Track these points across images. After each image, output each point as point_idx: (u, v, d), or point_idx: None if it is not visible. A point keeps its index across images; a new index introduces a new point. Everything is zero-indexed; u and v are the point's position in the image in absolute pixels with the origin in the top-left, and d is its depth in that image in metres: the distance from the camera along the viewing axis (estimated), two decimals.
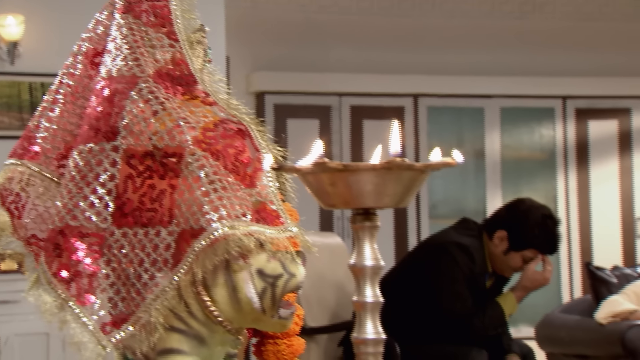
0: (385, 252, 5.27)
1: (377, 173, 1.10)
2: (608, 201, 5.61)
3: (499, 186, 5.54)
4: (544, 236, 3.04)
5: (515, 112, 5.58)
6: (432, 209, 5.49)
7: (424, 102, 5.48)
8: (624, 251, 5.57)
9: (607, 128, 5.64)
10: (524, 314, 5.16)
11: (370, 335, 1.13)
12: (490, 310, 3.05)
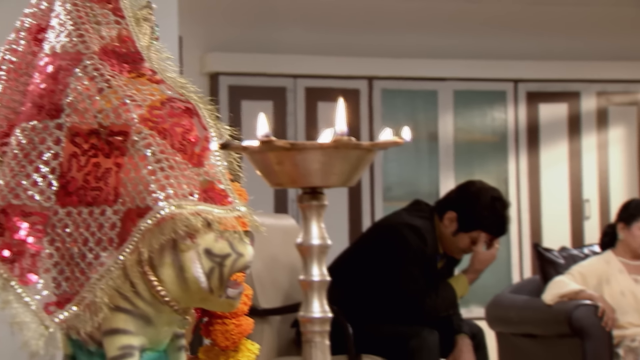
0: (340, 234, 5.28)
1: (324, 152, 1.10)
2: (557, 183, 5.69)
3: (452, 168, 5.59)
4: (492, 218, 3.07)
5: (468, 95, 5.62)
6: (386, 191, 5.51)
7: (378, 85, 5.49)
8: (573, 232, 5.67)
9: (557, 111, 5.72)
10: (475, 295, 5.23)
11: (317, 314, 1.13)
12: (443, 292, 3.08)
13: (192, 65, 4.96)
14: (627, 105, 5.79)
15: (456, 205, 3.10)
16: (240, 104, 5.14)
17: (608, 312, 3.36)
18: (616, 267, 3.58)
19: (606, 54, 5.75)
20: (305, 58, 5.35)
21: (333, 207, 6.03)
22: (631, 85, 5.76)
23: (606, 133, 5.74)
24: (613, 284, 3.54)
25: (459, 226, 3.08)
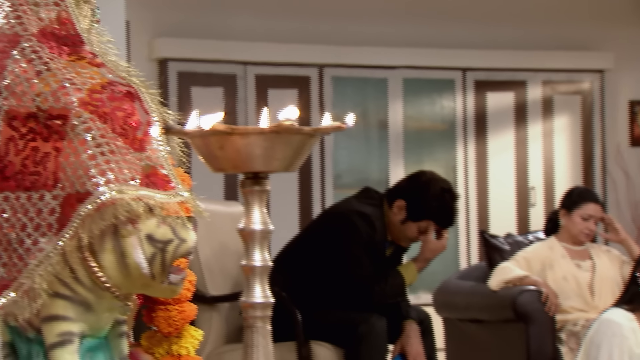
0: (290, 221, 5.28)
1: (266, 137, 1.09)
2: (504, 171, 5.77)
3: (402, 156, 5.62)
4: (441, 209, 3.10)
5: (417, 84, 5.65)
6: (336, 178, 5.52)
7: (328, 73, 5.49)
8: (519, 219, 5.76)
9: (504, 100, 5.79)
10: (423, 281, 5.28)
11: (259, 299, 1.13)
12: (392, 279, 3.11)
13: (140, 51, 4.88)
14: (572, 94, 5.89)
15: (406, 194, 3.12)
16: (190, 90, 5.09)
17: (551, 297, 3.42)
18: (559, 253, 3.64)
19: (552, 44, 5.84)
20: (255, 45, 5.31)
21: (283, 194, 6.07)
22: (575, 75, 5.86)
23: (551, 122, 5.84)
24: (556, 269, 3.60)
25: (407, 215, 3.10)
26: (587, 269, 3.61)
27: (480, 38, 5.73)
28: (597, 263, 3.62)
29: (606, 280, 3.58)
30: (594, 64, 5.87)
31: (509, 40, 5.78)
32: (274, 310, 3.14)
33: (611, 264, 3.62)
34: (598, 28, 5.94)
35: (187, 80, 5.14)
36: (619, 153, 5.93)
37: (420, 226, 3.10)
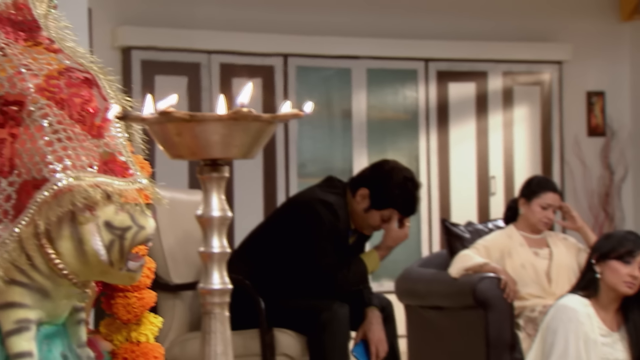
0: (254, 210, 5.27)
1: (224, 124, 1.08)
2: (465, 160, 5.82)
3: (365, 146, 5.64)
4: (403, 197, 3.10)
5: (380, 74, 5.67)
6: (300, 167, 5.53)
7: (293, 62, 5.48)
8: (479, 207, 5.81)
9: (466, 90, 5.83)
10: (386, 269, 5.31)
11: (217, 285, 1.12)
12: (354, 266, 3.11)
13: (103, 39, 4.82)
14: (531, 85, 5.95)
15: (369, 183, 3.12)
16: (153, 79, 5.05)
17: (510, 284, 3.46)
18: (517, 241, 3.67)
19: (512, 35, 5.89)
20: (220, 34, 5.28)
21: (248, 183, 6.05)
22: (535, 66, 5.92)
23: (511, 112, 5.89)
24: (514, 257, 3.63)
25: (370, 203, 3.10)
26: (544, 256, 3.66)
27: (443, 29, 5.76)
28: (554, 251, 3.66)
29: (563, 267, 3.63)
30: (552, 55, 5.94)
31: (471, 31, 5.81)
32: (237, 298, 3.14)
33: (568, 252, 3.67)
34: (557, 20, 6.01)
35: (151, 68, 5.09)
36: (577, 143, 6.01)
37: (383, 214, 3.11)
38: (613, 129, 6.02)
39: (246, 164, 5.36)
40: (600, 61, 6.05)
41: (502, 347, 3.46)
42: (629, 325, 2.92)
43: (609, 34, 6.09)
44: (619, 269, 2.87)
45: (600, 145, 6.04)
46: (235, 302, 3.07)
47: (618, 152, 6.00)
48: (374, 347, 3.07)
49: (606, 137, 6.03)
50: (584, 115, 6.07)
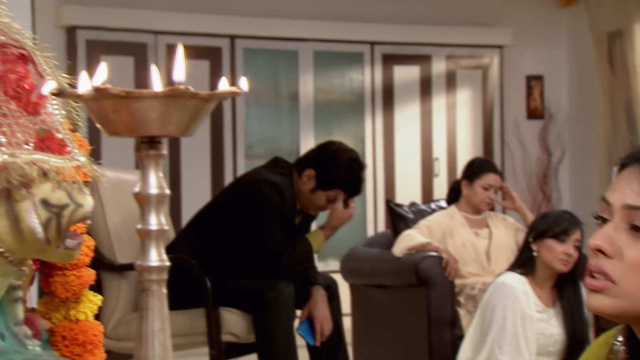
0: (202, 191, 5.24)
1: (161, 101, 1.07)
2: (410, 142, 5.86)
3: (312, 127, 5.64)
4: (348, 178, 3.11)
5: (327, 56, 5.66)
6: (248, 149, 5.50)
7: (240, 44, 5.43)
8: (423, 189, 5.87)
9: (410, 73, 5.86)
10: (332, 249, 5.34)
11: (154, 262, 1.11)
12: (300, 246, 3.11)
13: (47, 18, 4.70)
14: (473, 69, 6.01)
15: (315, 164, 3.12)
16: (99, 59, 4.94)
17: (451, 263, 3.50)
18: (459, 221, 3.72)
19: (455, 20, 5.94)
20: (166, 14, 5.20)
21: (195, 164, 6.00)
22: (477, 50, 5.98)
23: (454, 95, 5.95)
24: (456, 237, 3.68)
25: (317, 184, 3.11)
26: (484, 236, 3.71)
27: (388, 13, 5.78)
28: (493, 231, 3.72)
29: (502, 247, 3.69)
30: (493, 39, 6.01)
31: (415, 15, 5.84)
32: (183, 278, 3.11)
33: (507, 232, 3.73)
34: (498, 5, 6.07)
35: (96, 48, 4.99)
36: (516, 125, 6.10)
37: (329, 195, 3.12)
38: (551, 112, 6.13)
39: (193, 145, 5.31)
40: (539, 46, 6.15)
41: (443, 323, 3.51)
42: (564, 301, 2.98)
43: (548, 19, 6.18)
44: (554, 247, 2.92)
45: (539, 127, 6.15)
46: (181, 281, 3.07)
47: (555, 134, 6.11)
48: (319, 325, 3.09)
49: (544, 120, 6.14)
50: (523, 98, 6.16)
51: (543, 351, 2.97)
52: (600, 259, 0.94)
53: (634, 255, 0.92)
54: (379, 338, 3.85)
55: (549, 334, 2.97)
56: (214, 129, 5.40)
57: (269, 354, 2.95)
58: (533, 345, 2.93)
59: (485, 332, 2.99)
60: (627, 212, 0.94)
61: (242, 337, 3.01)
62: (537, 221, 3.04)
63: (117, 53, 5.03)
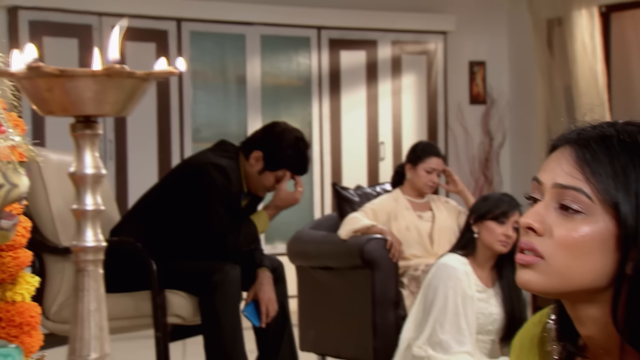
0: (149, 175, 5.17)
1: (96, 80, 1.05)
2: (356, 126, 5.88)
3: (259, 111, 5.61)
4: (295, 157, 3.11)
5: (274, 40, 5.63)
6: (195, 132, 5.45)
7: (187, 27, 5.37)
8: (369, 172, 5.90)
9: (357, 58, 5.87)
10: (279, 232, 5.34)
11: (90, 243, 1.09)
12: (245, 228, 3.10)
13: None
14: (418, 54, 6.05)
15: (262, 145, 3.11)
16: (42, 40, 4.83)
17: (395, 245, 3.53)
18: (403, 205, 3.75)
19: (400, 6, 5.96)
20: None
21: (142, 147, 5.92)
22: (422, 36, 6.02)
23: (400, 80, 5.98)
24: (400, 219, 3.71)
25: (264, 165, 3.10)
26: (427, 219, 3.75)
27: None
28: (436, 214, 3.76)
29: (444, 229, 3.73)
30: (437, 25, 6.05)
31: (362, 1, 5.85)
32: (128, 260, 3.08)
33: (449, 215, 3.78)
34: None
35: (40, 29, 4.87)
36: (460, 110, 6.17)
37: (277, 175, 3.11)
38: (493, 97, 6.21)
39: (140, 128, 5.24)
40: (482, 32, 6.21)
41: (387, 304, 3.54)
42: (503, 282, 3.03)
43: (490, 6, 6.25)
44: (494, 229, 2.97)
45: (481, 112, 6.23)
46: (127, 263, 3.02)
47: (497, 119, 6.20)
48: (264, 306, 3.08)
49: (486, 105, 6.22)
50: (466, 84, 6.23)
51: (482, 330, 3.02)
52: (530, 236, 0.96)
53: (563, 233, 0.94)
54: (324, 319, 3.86)
55: (489, 313, 3.02)
56: (160, 112, 5.33)
57: (214, 335, 2.94)
58: (473, 324, 2.97)
59: (427, 311, 3.03)
60: (557, 191, 0.95)
61: (188, 319, 2.99)
62: (478, 204, 3.08)
63: (61, 35, 4.92)
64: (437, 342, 2.96)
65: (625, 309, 0.92)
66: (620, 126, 0.96)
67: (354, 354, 3.70)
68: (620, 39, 5.53)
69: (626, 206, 0.92)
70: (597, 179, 0.93)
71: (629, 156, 0.93)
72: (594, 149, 0.94)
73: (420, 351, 3.00)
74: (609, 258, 0.92)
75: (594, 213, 0.93)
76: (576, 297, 0.96)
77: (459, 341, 2.94)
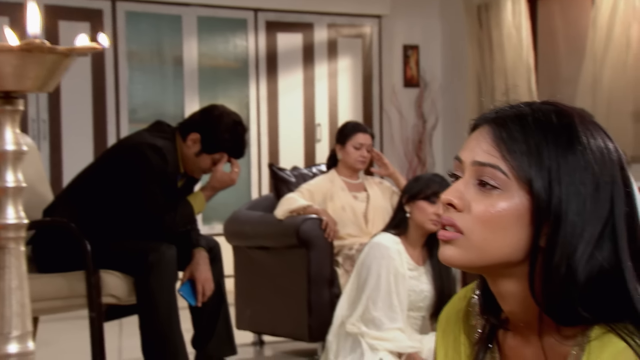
0: (84, 155, 5.07)
1: (16, 55, 1.01)
2: (293, 108, 5.87)
3: (197, 92, 5.55)
4: (233, 141, 3.09)
5: (211, 22, 5.56)
6: (131, 113, 5.36)
7: (122, 7, 5.25)
8: (306, 153, 5.90)
9: (293, 41, 5.85)
10: (217, 212, 5.30)
11: (11, 220, 1.06)
12: (181, 208, 3.07)
13: None
14: (354, 37, 6.06)
15: (199, 128, 3.07)
16: None
17: (330, 225, 3.54)
18: (338, 185, 3.77)
19: None
20: None
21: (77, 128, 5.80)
22: (357, 19, 6.03)
23: (336, 63, 5.99)
24: (335, 200, 3.73)
25: (202, 147, 3.06)
26: (362, 199, 3.77)
27: None
28: (371, 194, 3.78)
29: (378, 209, 3.76)
30: (372, 9, 6.07)
31: None
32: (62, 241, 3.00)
33: (383, 195, 3.81)
34: None
35: None
36: (394, 93, 6.21)
37: (214, 158, 3.08)
38: (426, 80, 6.27)
39: (75, 107, 5.12)
40: (415, 16, 6.25)
41: (322, 282, 3.56)
42: (433, 260, 3.07)
43: None
44: (425, 208, 3.00)
45: (415, 95, 6.28)
46: (61, 244, 2.95)
47: (430, 102, 6.26)
48: (200, 286, 3.06)
49: (420, 88, 6.28)
50: (400, 67, 6.27)
51: (414, 306, 3.06)
52: (451, 212, 0.97)
53: (481, 208, 0.95)
54: (260, 298, 3.86)
55: (420, 290, 3.06)
56: (96, 93, 5.22)
57: (150, 315, 2.90)
58: (405, 302, 3.01)
59: (360, 289, 3.05)
60: (476, 169, 0.96)
61: (123, 299, 2.95)
62: (410, 184, 3.11)
63: None
64: (369, 319, 2.99)
65: (541, 281, 0.94)
66: (536, 106, 0.97)
67: (289, 332, 3.71)
68: (547, 25, 5.64)
69: (539, 182, 0.93)
70: (512, 157, 0.94)
71: (542, 134, 0.94)
72: (510, 128, 0.96)
73: (353, 328, 3.03)
74: (524, 232, 0.94)
75: (510, 189, 0.94)
76: (495, 272, 0.97)
77: (391, 318, 2.97)
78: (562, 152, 0.93)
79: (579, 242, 0.92)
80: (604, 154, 0.94)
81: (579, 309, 0.92)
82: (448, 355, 1.07)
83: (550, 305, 0.93)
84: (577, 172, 0.93)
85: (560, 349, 0.95)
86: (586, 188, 0.93)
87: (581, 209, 0.92)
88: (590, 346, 0.92)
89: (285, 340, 4.05)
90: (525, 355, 0.99)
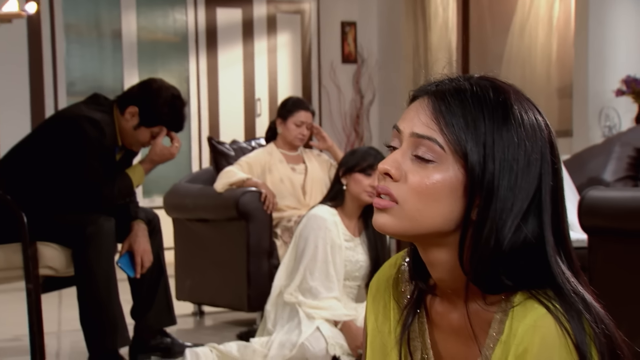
0: (21, 128, 4.91)
1: None
2: (233, 83, 5.81)
3: (136, 66, 5.43)
4: (172, 114, 3.04)
5: None
6: (69, 86, 5.22)
7: None
8: (246, 127, 5.86)
9: (233, 16, 5.77)
10: (158, 185, 5.22)
11: None
12: (120, 181, 3.01)
13: None
14: (293, 13, 6.01)
15: (137, 101, 3.01)
16: None
17: (269, 197, 3.53)
18: (277, 158, 3.75)
19: None
20: None
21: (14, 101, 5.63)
22: None
23: (275, 38, 5.94)
24: (274, 172, 3.71)
25: (140, 121, 3.00)
26: (300, 172, 3.76)
27: None
28: (309, 167, 3.78)
29: (316, 181, 3.76)
30: None
31: None
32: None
33: (321, 167, 3.80)
34: None
35: None
36: (332, 69, 6.20)
37: (153, 131, 3.03)
38: (363, 56, 6.28)
39: (12, 80, 4.96)
40: None
41: (261, 254, 3.55)
42: (368, 231, 3.09)
43: None
44: (361, 181, 3.01)
45: (353, 71, 6.29)
46: None
47: (367, 78, 6.28)
48: (139, 257, 3.02)
49: (357, 64, 6.28)
50: (338, 43, 6.26)
51: (350, 276, 3.07)
52: (387, 181, 0.97)
53: (417, 179, 0.95)
54: (200, 269, 3.83)
55: (355, 260, 3.07)
56: (32, 65, 5.05)
57: (88, 286, 2.85)
58: (341, 272, 3.02)
59: (298, 260, 3.05)
60: (414, 140, 0.96)
61: (61, 271, 2.89)
62: (346, 157, 3.11)
63: None
64: (307, 289, 2.99)
65: (469, 251, 0.94)
66: (475, 80, 0.97)
67: (229, 302, 3.70)
68: (477, 3, 5.69)
69: (474, 156, 0.93)
70: (449, 130, 0.94)
71: (480, 109, 0.94)
72: (449, 101, 0.95)
73: (291, 297, 3.03)
74: (457, 204, 0.94)
75: (445, 162, 0.94)
76: (427, 241, 0.98)
77: (327, 287, 2.98)
78: (497, 128, 0.94)
79: (508, 216, 0.93)
80: (536, 131, 0.95)
81: (503, 278, 0.93)
82: (378, 320, 1.07)
83: (477, 274, 0.94)
84: (510, 148, 0.93)
85: (484, 314, 0.97)
86: (518, 164, 0.93)
87: (512, 184, 0.93)
88: (513, 311, 0.93)
89: (224, 310, 4.03)
90: (451, 320, 1.01)
